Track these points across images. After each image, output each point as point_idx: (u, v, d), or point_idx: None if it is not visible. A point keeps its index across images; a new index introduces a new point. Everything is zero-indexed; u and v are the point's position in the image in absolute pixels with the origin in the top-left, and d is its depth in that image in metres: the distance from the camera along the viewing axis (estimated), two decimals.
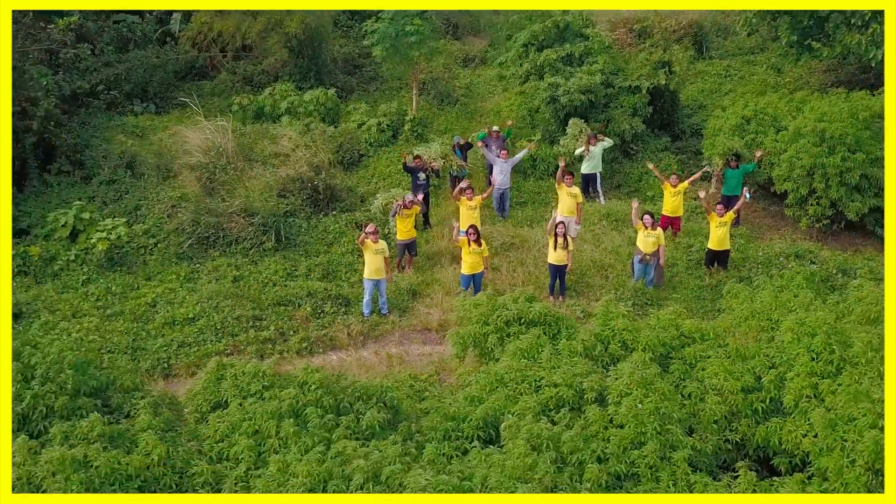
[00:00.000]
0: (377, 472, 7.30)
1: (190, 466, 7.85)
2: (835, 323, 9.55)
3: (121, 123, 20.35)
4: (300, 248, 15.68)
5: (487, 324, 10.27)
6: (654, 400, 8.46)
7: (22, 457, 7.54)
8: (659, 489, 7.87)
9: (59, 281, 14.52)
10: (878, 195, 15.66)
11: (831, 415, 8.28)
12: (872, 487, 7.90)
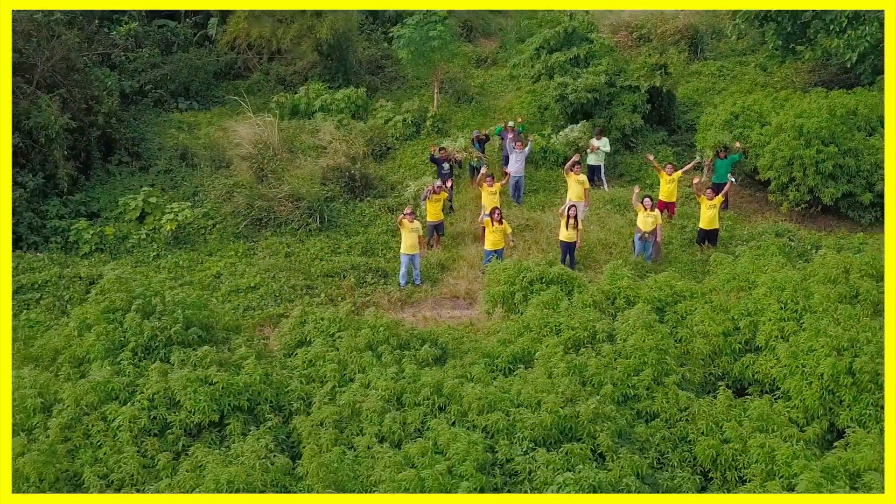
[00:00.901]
0: (440, 387, 9.47)
1: (285, 386, 10.01)
2: (800, 281, 11.73)
3: (168, 119, 22.53)
4: (341, 229, 17.83)
5: (514, 283, 12.44)
6: (654, 339, 10.64)
7: (156, 377, 9.67)
8: (654, 405, 10.04)
9: (132, 256, 16.65)
10: (850, 182, 17.83)
11: (794, 348, 10.46)
12: (825, 403, 10.08)
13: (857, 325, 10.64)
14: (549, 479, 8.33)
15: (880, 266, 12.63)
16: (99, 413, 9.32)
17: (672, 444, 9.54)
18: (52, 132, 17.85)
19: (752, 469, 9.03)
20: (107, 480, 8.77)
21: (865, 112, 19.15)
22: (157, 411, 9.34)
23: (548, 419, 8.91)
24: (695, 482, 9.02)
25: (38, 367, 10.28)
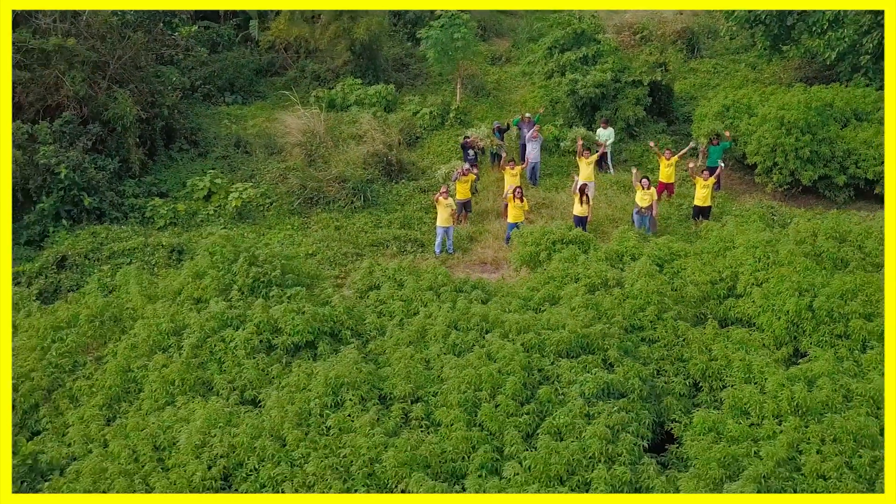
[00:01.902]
0: (486, 317, 12.14)
1: (362, 318, 12.67)
2: (770, 241, 14.40)
3: (216, 112, 25.18)
4: (381, 207, 20.48)
5: (539, 244, 15.10)
6: (655, 284, 13.30)
7: (261, 309, 12.29)
8: (655, 335, 12.69)
9: (201, 230, 19.27)
10: (826, 166, 20.48)
11: (765, 291, 13.13)
12: (791, 332, 12.72)
13: (815, 274, 13.31)
14: (572, 379, 11.00)
15: (842, 230, 15.35)
16: (219, 336, 11.98)
17: (669, 362, 12.20)
18: (126, 122, 20.47)
19: (732, 377, 11.70)
20: (232, 385, 11.42)
21: (841, 105, 21.83)
22: (264, 335, 11.98)
23: (569, 337, 11.58)
24: (686, 385, 11.68)
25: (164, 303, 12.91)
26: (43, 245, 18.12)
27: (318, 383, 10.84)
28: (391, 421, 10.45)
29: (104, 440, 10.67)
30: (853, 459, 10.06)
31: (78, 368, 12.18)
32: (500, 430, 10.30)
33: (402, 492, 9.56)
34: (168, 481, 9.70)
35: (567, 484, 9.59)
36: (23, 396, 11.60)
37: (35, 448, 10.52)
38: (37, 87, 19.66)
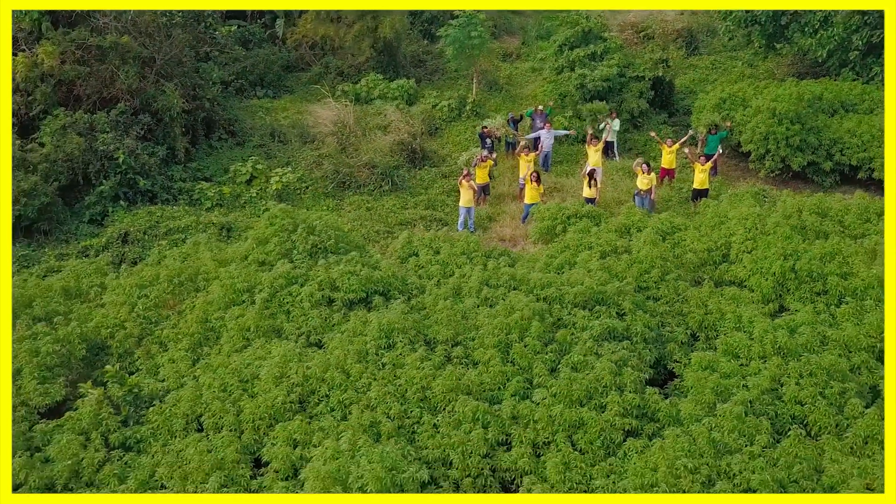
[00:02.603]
0: (515, 276, 14.20)
1: (405, 280, 14.72)
2: (761, 215, 16.47)
3: (249, 105, 27.21)
4: (407, 191, 22.52)
5: (556, 219, 17.17)
6: (658, 251, 15.36)
7: (321, 269, 14.34)
8: (659, 293, 14.74)
9: (245, 210, 21.30)
10: (814, 153, 22.52)
11: (754, 256, 15.19)
12: (776, 291, 14.76)
13: (799, 242, 15.38)
14: (586, 325, 13.06)
15: (824, 207, 17.43)
16: (286, 291, 14.03)
17: (671, 315, 14.27)
18: (173, 113, 22.51)
19: (725, 327, 13.77)
20: (299, 331, 13.48)
21: (829, 98, 23.90)
22: (325, 292, 14.03)
23: (586, 291, 13.64)
24: (686, 334, 13.74)
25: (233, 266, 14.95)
26: (104, 223, 20.11)
27: (373, 329, 12.90)
28: (436, 359, 12.50)
29: (194, 376, 12.72)
30: (826, 390, 12.11)
31: (162, 320, 14.22)
32: (529, 365, 12.37)
33: (449, 412, 11.60)
34: (255, 404, 11.75)
35: (586, 406, 11.65)
36: (118, 343, 13.65)
37: (136, 380, 12.57)
38: (94, 81, 21.65)
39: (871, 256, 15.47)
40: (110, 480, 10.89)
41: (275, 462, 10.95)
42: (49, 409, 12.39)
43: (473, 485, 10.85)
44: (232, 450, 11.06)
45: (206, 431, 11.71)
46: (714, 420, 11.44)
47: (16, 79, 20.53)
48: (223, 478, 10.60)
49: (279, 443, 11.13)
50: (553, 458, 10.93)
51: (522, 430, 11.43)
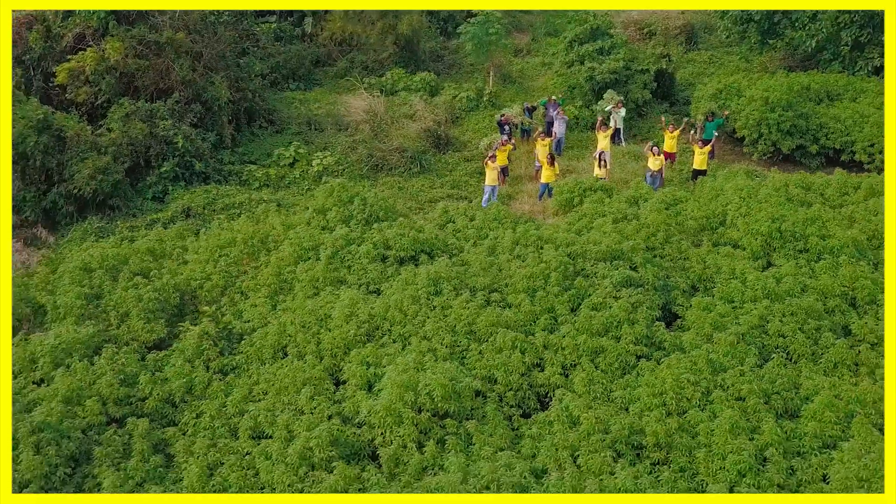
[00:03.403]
0: (542, 237, 16.78)
1: (446, 242, 17.28)
2: (754, 186, 19.06)
3: (282, 97, 29.75)
4: (433, 173, 25.08)
5: (573, 191, 19.77)
6: (663, 217, 17.95)
7: (376, 232, 16.90)
8: (664, 252, 17.32)
9: (289, 190, 23.83)
10: (802, 137, 25.08)
11: (747, 220, 17.78)
12: (765, 249, 17.33)
13: (785, 208, 17.97)
14: (605, 274, 15.62)
15: (808, 181, 20.03)
16: (346, 250, 16.60)
17: (675, 270, 16.84)
18: (221, 103, 25.06)
19: (721, 277, 16.33)
20: (360, 281, 16.04)
21: (816, 88, 26.49)
22: (379, 250, 16.61)
23: (604, 248, 16.23)
24: (687, 285, 16.32)
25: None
26: (165, 200, 22.64)
27: (423, 278, 15.46)
28: (477, 301, 15.05)
29: (276, 317, 15.28)
30: (804, 326, 14.71)
31: (241, 275, 16.77)
32: (553, 306, 14.95)
33: (492, 342, 14.15)
34: (331, 336, 14.31)
35: (604, 336, 14.23)
36: (206, 292, 16.20)
37: (229, 319, 15.13)
38: (152, 73, 24.19)
39: (847, 222, 18.08)
40: (218, 395, 13.46)
41: (353, 379, 13.52)
42: (154, 344, 14.94)
43: (514, 397, 13.42)
44: (318, 369, 13.63)
45: (290, 359, 14.27)
46: (711, 346, 14.04)
47: (85, 71, 23.07)
48: (312, 390, 13.16)
49: (354, 364, 13.70)
50: (580, 375, 13.52)
51: (553, 354, 14.02)
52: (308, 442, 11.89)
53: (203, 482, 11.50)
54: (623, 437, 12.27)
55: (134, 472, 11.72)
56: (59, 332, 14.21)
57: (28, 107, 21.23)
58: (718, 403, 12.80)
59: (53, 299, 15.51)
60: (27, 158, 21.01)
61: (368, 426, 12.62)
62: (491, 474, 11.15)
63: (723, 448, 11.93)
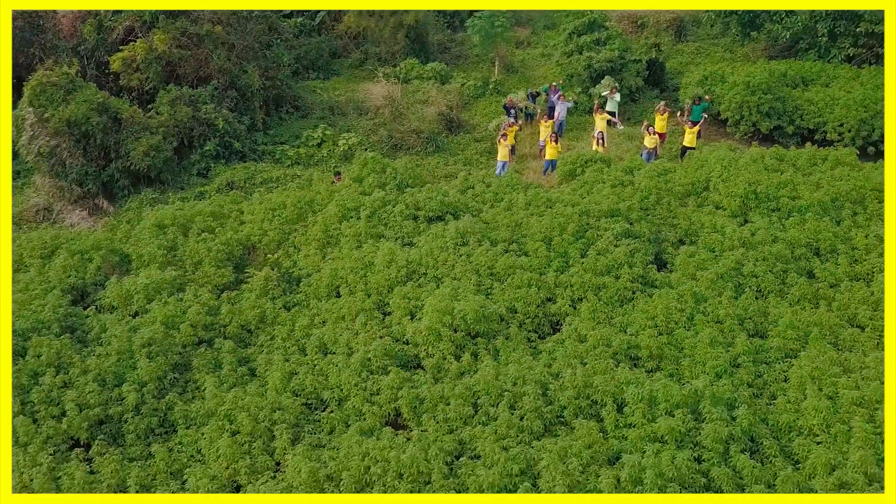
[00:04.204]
0: (551, 198, 19.72)
1: (467, 204, 20.19)
2: (734, 157, 22.05)
3: (305, 85, 32.61)
4: (447, 152, 27.99)
5: (576, 163, 22.73)
6: (654, 183, 20.92)
7: (409, 196, 19.79)
8: (655, 212, 20.26)
9: (319, 167, 26.69)
10: (780, 119, 28.10)
11: (727, 185, 20.75)
12: (742, 208, 20.30)
13: (761, 174, 20.96)
14: (607, 227, 18.56)
15: (782, 154, 23.02)
16: (383, 210, 19.49)
17: (665, 226, 19.79)
18: (253, 89, 27.92)
19: (704, 231, 19.28)
20: (396, 235, 18.92)
21: (793, 74, 29.52)
22: (410, 210, 19.51)
23: (605, 207, 19.18)
24: (676, 238, 19.28)
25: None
26: (208, 176, 25.46)
27: (450, 232, 18.37)
28: (498, 250, 17.96)
29: (326, 264, 18.17)
30: (774, 268, 17.67)
31: (293, 231, 19.63)
32: (566, 252, 17.89)
33: (511, 281, 17.06)
34: (376, 277, 17.19)
35: (606, 276, 17.16)
36: (264, 245, 19.07)
37: (288, 265, 18.02)
38: (192, 62, 27.02)
39: (814, 186, 21.07)
40: (286, 323, 16.35)
41: (397, 310, 16.42)
42: (223, 287, 17.80)
43: (532, 323, 16.35)
44: (368, 303, 16.54)
45: (343, 297, 17.16)
46: (695, 283, 17.00)
47: (136, 60, 25.89)
48: (364, 317, 16.07)
49: (398, 298, 16.61)
50: (586, 306, 16.48)
51: (563, 290, 16.98)
52: (367, 354, 14.81)
53: (284, 384, 14.39)
54: (622, 350, 15.23)
55: (227, 378, 14.60)
56: (147, 274, 17.07)
57: (88, 91, 24.02)
58: (700, 325, 15.79)
59: (137, 250, 18.38)
60: (88, 137, 23.80)
61: (413, 344, 15.54)
62: (517, 373, 14.09)
63: (703, 357, 14.91)
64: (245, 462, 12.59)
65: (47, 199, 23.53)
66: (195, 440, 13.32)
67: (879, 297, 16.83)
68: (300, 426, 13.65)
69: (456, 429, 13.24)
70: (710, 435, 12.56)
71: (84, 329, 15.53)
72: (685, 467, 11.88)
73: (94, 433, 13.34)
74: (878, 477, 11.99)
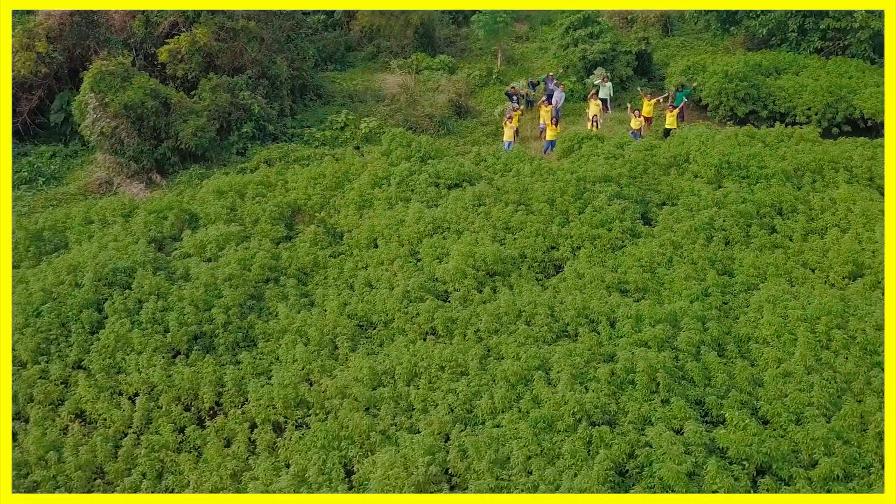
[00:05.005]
0: (552, 168, 23.28)
1: (480, 174, 23.72)
2: (712, 134, 25.66)
3: (324, 76, 36.08)
4: (457, 134, 31.51)
5: (573, 140, 26.30)
6: (642, 155, 24.50)
7: (432, 166, 23.30)
8: (642, 180, 23.84)
9: (342, 148, 30.13)
10: (754, 104, 31.71)
11: (705, 157, 24.35)
12: (717, 176, 23.90)
13: (734, 148, 24.57)
14: (601, 190, 22.10)
15: (753, 132, 26.64)
16: (410, 177, 22.98)
17: (650, 190, 23.34)
18: (282, 79, 31.38)
19: (684, 194, 22.84)
20: (422, 199, 22.40)
21: (766, 64, 33.17)
22: (433, 179, 23.01)
23: (599, 174, 22.74)
24: (660, 200, 22.84)
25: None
26: (246, 155, 28.88)
27: (469, 195, 21.88)
28: (510, 209, 21.46)
29: (364, 222, 21.66)
30: (740, 223, 21.24)
31: (332, 197, 23.08)
32: (566, 210, 21.43)
33: (521, 232, 20.58)
34: (408, 231, 20.66)
35: (600, 228, 20.70)
36: (309, 207, 22.53)
37: (331, 223, 21.51)
38: (229, 54, 30.44)
39: (779, 158, 24.67)
40: (335, 266, 19.83)
41: (426, 257, 19.91)
42: (279, 240, 21.25)
43: (539, 266, 19.86)
44: (402, 251, 20.04)
45: (380, 247, 20.64)
46: (673, 233, 20.57)
47: (181, 51, 29.30)
48: (401, 261, 19.56)
49: (427, 247, 20.10)
50: (583, 252, 20.04)
51: (564, 240, 20.52)
52: (406, 287, 18.31)
53: (340, 310, 17.86)
54: (614, 284, 18.80)
55: (293, 306, 18.07)
56: (215, 228, 20.54)
57: (142, 79, 27.43)
58: (677, 264, 19.38)
59: (204, 209, 21.85)
60: (142, 119, 27.21)
61: (442, 281, 19.04)
62: (529, 299, 17.62)
63: (679, 289, 18.48)
64: (316, 363, 16.07)
65: (108, 174, 26.91)
66: (273, 350, 16.78)
67: (830, 245, 20.38)
68: (356, 340, 17.14)
69: (483, 339, 16.75)
70: (686, 340, 16.13)
71: (170, 270, 18.97)
72: (668, 362, 15.41)
73: (191, 345, 16.79)
74: (816, 368, 15.55)
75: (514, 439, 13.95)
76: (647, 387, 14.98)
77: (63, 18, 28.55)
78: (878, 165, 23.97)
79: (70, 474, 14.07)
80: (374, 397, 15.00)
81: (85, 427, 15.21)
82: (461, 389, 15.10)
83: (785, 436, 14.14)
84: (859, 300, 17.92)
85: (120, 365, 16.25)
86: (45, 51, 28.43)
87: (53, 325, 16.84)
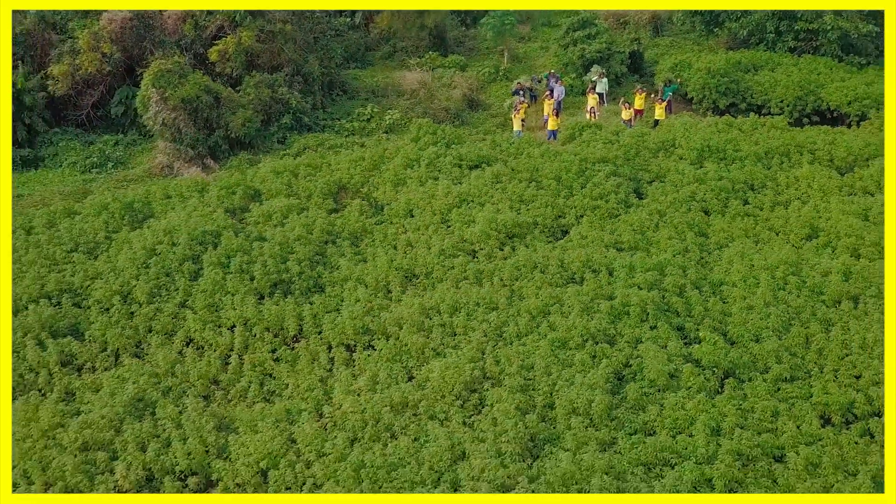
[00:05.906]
0: (558, 152, 27.66)
1: (495, 157, 28.07)
2: (696, 122, 30.07)
3: (347, 73, 40.35)
4: (471, 124, 35.82)
5: (574, 128, 30.68)
6: (636, 141, 28.88)
7: (455, 151, 27.63)
8: (634, 161, 28.23)
9: (369, 138, 34.39)
10: (734, 97, 36.13)
11: (690, 143, 28.75)
12: (699, 158, 28.33)
13: (715, 134, 28.97)
14: (599, 169, 26.48)
15: (731, 121, 31.08)
16: (436, 160, 27.30)
17: (641, 170, 27.71)
18: (314, 76, 35.66)
19: (671, 173, 27.23)
20: (448, 178, 26.73)
21: (745, 61, 37.62)
22: (456, 161, 27.34)
23: (598, 156, 27.11)
24: (649, 178, 27.23)
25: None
26: (285, 143, 33.10)
27: (488, 173, 26.24)
28: (523, 184, 25.78)
29: (400, 196, 25.96)
30: (718, 196, 25.65)
31: (371, 176, 27.35)
32: (571, 185, 25.80)
33: (534, 204, 24.94)
34: (439, 203, 24.95)
35: (600, 200, 25.06)
36: (352, 185, 26.82)
37: (373, 197, 25.83)
38: (268, 54, 34.68)
39: (753, 142, 29.08)
40: (380, 231, 24.15)
41: (456, 224, 24.22)
42: (330, 211, 25.52)
43: (549, 230, 24.21)
44: (435, 219, 24.37)
45: (415, 216, 24.94)
46: (660, 204, 24.95)
47: (228, 52, 33.54)
48: (435, 226, 23.88)
49: (455, 216, 24.42)
50: (586, 219, 24.42)
51: (570, 210, 24.90)
52: (441, 246, 22.65)
53: (389, 264, 22.16)
54: (611, 244, 23.19)
55: (351, 261, 22.37)
56: (278, 200, 24.83)
57: (197, 76, 31.66)
58: (662, 228, 23.78)
59: (265, 185, 26.14)
60: (197, 111, 31.44)
61: (470, 242, 23.36)
62: (543, 253, 21.97)
63: (664, 246, 22.87)
64: (376, 301, 20.40)
65: (168, 159, 31.15)
66: (339, 293, 21.09)
67: (791, 214, 24.73)
68: (404, 286, 21.47)
69: (507, 284, 21.10)
70: (670, 282, 20.53)
71: (246, 233, 23.25)
72: (656, 298, 19.77)
73: (273, 290, 21.09)
74: (773, 303, 19.94)
75: (536, 353, 18.33)
76: (639, 316, 19.39)
77: (124, 22, 32.73)
78: (837, 149, 28.38)
79: (193, 382, 18.35)
80: (425, 324, 19.34)
81: (196, 351, 19.50)
82: (493, 319, 19.47)
83: (746, 350, 18.54)
84: (812, 255, 22.35)
85: (218, 304, 20.54)
86: (110, 51, 32.63)
87: (160, 274, 21.14)
